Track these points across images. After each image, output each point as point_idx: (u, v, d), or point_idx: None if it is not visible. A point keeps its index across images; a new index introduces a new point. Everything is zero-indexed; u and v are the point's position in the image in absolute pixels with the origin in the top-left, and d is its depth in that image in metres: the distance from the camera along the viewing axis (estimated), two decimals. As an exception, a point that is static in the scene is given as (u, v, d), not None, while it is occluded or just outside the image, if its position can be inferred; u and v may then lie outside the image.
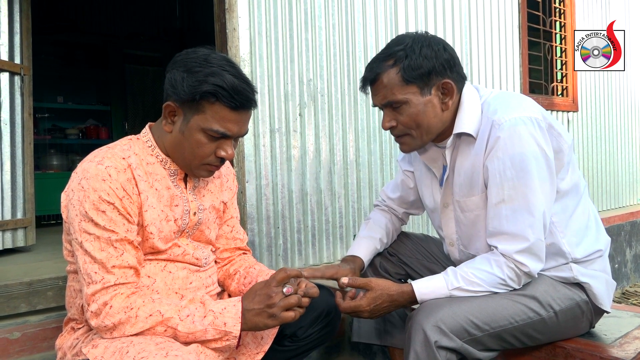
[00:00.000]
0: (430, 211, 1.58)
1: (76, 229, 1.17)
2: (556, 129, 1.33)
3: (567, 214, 1.37)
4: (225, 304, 1.17)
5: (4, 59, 2.65)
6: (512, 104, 1.33)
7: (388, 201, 1.73)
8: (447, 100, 1.35)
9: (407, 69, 1.30)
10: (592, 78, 4.74)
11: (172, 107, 1.23)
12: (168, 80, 1.23)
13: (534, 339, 1.36)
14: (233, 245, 1.53)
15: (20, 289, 1.88)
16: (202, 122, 1.20)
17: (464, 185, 1.38)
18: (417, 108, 1.33)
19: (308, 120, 2.71)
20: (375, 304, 1.32)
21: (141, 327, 1.13)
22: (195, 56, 1.22)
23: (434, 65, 1.31)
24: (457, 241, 1.49)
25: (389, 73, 1.32)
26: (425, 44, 1.32)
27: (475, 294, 1.29)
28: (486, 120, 1.32)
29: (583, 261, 1.39)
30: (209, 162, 1.26)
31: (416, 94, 1.32)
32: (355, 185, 2.93)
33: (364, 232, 1.66)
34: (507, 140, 1.26)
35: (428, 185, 1.55)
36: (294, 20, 2.65)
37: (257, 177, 2.51)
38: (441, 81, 1.33)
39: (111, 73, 5.57)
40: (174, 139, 1.26)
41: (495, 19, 3.79)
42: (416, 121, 1.34)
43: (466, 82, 1.40)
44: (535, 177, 1.25)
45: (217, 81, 1.17)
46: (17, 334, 1.77)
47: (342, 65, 2.85)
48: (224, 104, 1.19)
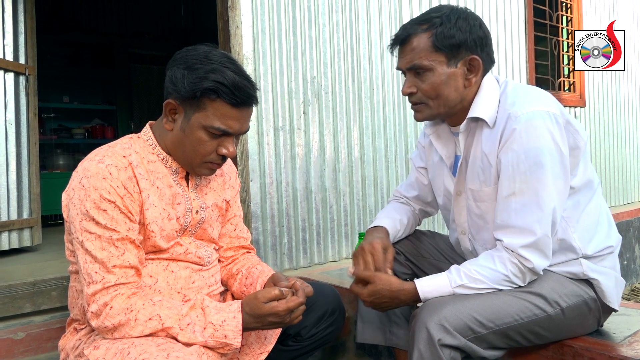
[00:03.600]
0: (444, 200, 1.55)
1: (77, 228, 1.17)
2: (573, 126, 1.31)
3: (579, 209, 1.36)
4: (225, 316, 1.14)
5: (9, 59, 2.66)
6: (530, 97, 1.31)
7: (404, 198, 1.72)
8: (471, 77, 1.35)
9: (440, 35, 1.30)
10: (599, 73, 4.68)
11: (172, 104, 1.22)
12: (168, 77, 1.23)
13: (541, 337, 1.34)
14: (237, 244, 1.52)
15: (25, 289, 1.89)
16: (203, 119, 1.19)
17: (478, 174, 1.37)
18: (440, 78, 1.33)
19: (312, 117, 2.69)
20: (374, 297, 1.33)
21: (141, 330, 1.12)
22: (196, 53, 1.21)
23: (467, 38, 1.31)
24: (468, 230, 1.47)
25: (421, 36, 1.32)
26: (463, 17, 1.32)
27: (479, 291, 1.27)
28: (503, 111, 1.31)
29: (593, 257, 1.37)
30: (210, 160, 1.26)
31: (442, 63, 1.32)
32: (360, 183, 2.91)
33: (381, 214, 1.63)
34: (522, 133, 1.24)
35: (440, 175, 1.53)
36: (297, 18, 2.63)
37: (261, 176, 2.50)
38: (470, 56, 1.33)
39: (117, 72, 5.59)
40: (175, 137, 1.25)
41: (502, 14, 3.75)
42: (437, 91, 1.34)
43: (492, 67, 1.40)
44: (549, 173, 1.24)
45: (217, 78, 1.16)
46: (22, 334, 1.77)
47: (346, 62, 2.83)
48: (225, 101, 1.18)
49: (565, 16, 4.46)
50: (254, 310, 1.14)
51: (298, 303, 1.16)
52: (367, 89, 2.92)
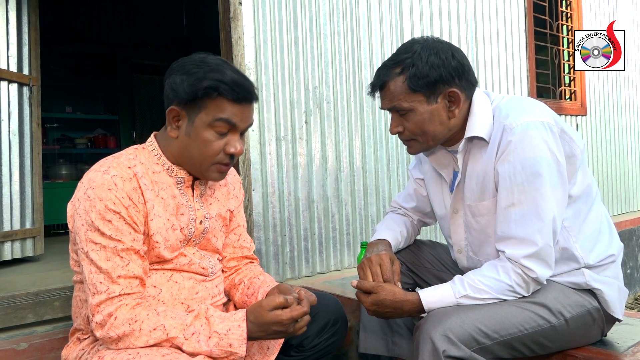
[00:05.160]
0: (440, 218, 1.56)
1: (82, 239, 1.17)
2: (568, 134, 1.32)
3: (579, 218, 1.36)
4: (229, 324, 1.15)
5: (13, 70, 2.68)
6: (524, 108, 1.32)
7: (402, 209, 1.72)
8: (454, 109, 1.35)
9: (413, 78, 1.30)
10: (601, 81, 4.70)
11: (175, 110, 1.24)
12: (168, 85, 1.25)
13: (545, 347, 1.33)
14: (240, 254, 1.53)
15: (27, 299, 1.89)
16: (205, 117, 1.21)
17: (476, 189, 1.38)
18: (422, 116, 1.34)
19: (314, 127, 2.70)
20: (377, 307, 1.33)
21: (145, 340, 1.12)
22: (192, 59, 1.24)
23: (441, 73, 1.30)
24: (465, 248, 1.47)
25: (396, 81, 1.33)
26: (433, 52, 1.31)
27: (483, 301, 1.27)
28: (498, 124, 1.32)
29: (596, 267, 1.37)
30: (218, 161, 1.26)
31: (422, 102, 1.33)
32: (362, 192, 2.91)
33: (381, 226, 1.64)
34: (518, 144, 1.25)
35: (438, 192, 1.54)
36: (299, 28, 2.65)
37: (263, 185, 2.51)
38: (448, 90, 1.32)
39: (119, 82, 5.62)
40: (181, 143, 1.26)
41: (502, 24, 3.77)
42: (422, 128, 1.35)
43: (477, 88, 1.40)
44: (547, 182, 1.24)
45: (217, 76, 1.19)
46: (24, 344, 1.77)
47: (347, 72, 2.84)
48: (226, 98, 1.20)
49: (566, 25, 4.48)
50: (258, 318, 1.14)
51: (302, 312, 1.16)
52: (368, 99, 2.92)
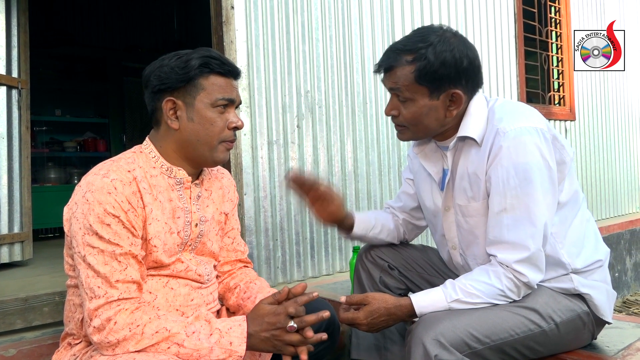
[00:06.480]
0: (432, 216, 1.56)
1: (79, 243, 1.16)
2: (560, 141, 1.33)
3: (565, 224, 1.37)
4: (230, 324, 1.16)
5: (1, 73, 2.65)
6: (517, 113, 1.33)
7: (390, 208, 1.74)
8: (453, 109, 1.35)
9: (423, 71, 1.29)
10: (589, 86, 4.75)
11: (171, 101, 1.26)
12: (155, 81, 1.27)
13: (536, 352, 1.34)
14: (234, 257, 1.53)
15: (16, 305, 1.86)
16: (206, 97, 1.25)
17: (465, 190, 1.38)
18: (421, 109, 1.34)
19: (306, 131, 2.70)
20: (372, 317, 1.31)
21: (146, 343, 1.11)
22: (166, 56, 1.30)
23: (450, 73, 1.30)
24: (459, 244, 1.48)
25: (404, 68, 1.32)
26: (448, 49, 1.29)
27: (475, 305, 1.27)
28: (491, 127, 1.32)
29: (583, 271, 1.38)
30: (224, 139, 1.29)
31: (424, 95, 1.32)
32: (353, 196, 2.92)
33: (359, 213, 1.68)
34: (511, 149, 1.26)
35: (428, 190, 1.54)
36: (291, 33, 2.65)
37: (255, 190, 2.50)
38: (452, 90, 1.32)
39: (109, 86, 5.57)
40: (184, 132, 1.27)
41: (492, 30, 3.81)
42: (417, 120, 1.35)
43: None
44: (539, 188, 1.25)
45: (203, 53, 1.26)
46: (13, 350, 1.75)
47: (339, 76, 2.85)
48: (217, 73, 1.26)
49: (555, 31, 4.53)
50: (255, 312, 1.17)
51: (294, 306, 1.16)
52: (360, 103, 2.94)
